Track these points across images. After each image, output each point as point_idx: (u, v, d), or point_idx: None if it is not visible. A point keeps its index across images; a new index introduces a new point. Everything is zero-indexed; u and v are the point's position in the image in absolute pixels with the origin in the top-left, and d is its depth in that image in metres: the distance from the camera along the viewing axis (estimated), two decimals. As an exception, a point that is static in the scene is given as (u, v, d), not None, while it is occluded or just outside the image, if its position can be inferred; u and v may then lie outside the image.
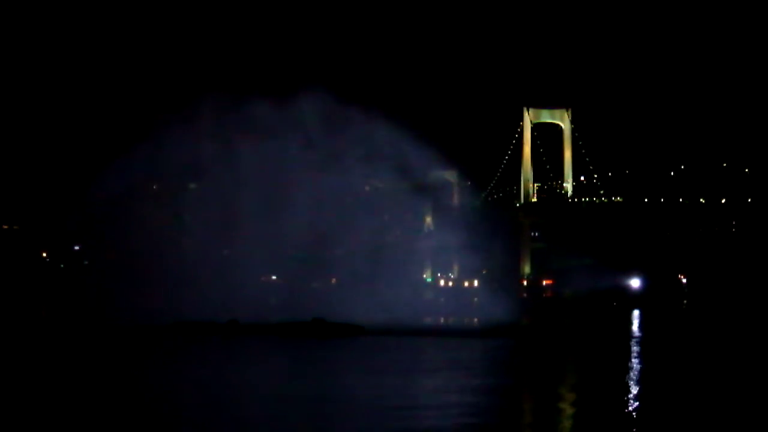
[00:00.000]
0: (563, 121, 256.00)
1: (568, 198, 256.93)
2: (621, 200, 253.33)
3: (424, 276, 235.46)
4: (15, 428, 48.98)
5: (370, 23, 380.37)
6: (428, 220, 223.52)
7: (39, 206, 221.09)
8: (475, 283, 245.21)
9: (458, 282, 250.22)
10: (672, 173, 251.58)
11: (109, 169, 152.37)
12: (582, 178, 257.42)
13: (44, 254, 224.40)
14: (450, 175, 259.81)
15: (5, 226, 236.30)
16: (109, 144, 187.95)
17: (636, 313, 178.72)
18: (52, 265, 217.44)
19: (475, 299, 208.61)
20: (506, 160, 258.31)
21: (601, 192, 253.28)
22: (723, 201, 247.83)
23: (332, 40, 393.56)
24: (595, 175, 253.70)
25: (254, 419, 53.35)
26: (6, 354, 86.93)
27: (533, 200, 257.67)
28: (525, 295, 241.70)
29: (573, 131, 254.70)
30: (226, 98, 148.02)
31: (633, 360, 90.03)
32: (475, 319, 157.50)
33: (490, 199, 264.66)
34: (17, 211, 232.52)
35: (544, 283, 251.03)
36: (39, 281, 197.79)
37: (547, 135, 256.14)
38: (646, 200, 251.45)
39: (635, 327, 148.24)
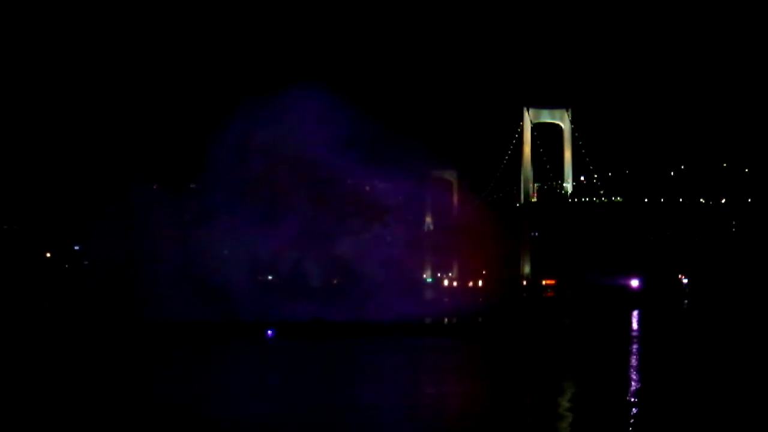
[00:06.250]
0: (563, 121, 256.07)
1: (568, 198, 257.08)
2: (621, 200, 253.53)
3: (425, 276, 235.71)
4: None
5: (370, 22, 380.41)
6: (428, 220, 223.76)
7: (39, 206, 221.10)
8: (480, 283, 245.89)
9: (460, 282, 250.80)
10: (672, 173, 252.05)
11: (109, 169, 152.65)
12: (582, 178, 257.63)
13: (48, 254, 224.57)
14: (450, 175, 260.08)
15: (5, 226, 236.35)
16: (109, 144, 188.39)
17: (636, 313, 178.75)
18: (56, 264, 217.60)
19: (479, 299, 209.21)
20: (506, 160, 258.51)
21: (601, 192, 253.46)
22: (723, 201, 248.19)
23: (331, 39, 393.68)
24: (595, 175, 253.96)
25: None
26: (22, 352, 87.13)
27: (533, 200, 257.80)
28: (525, 295, 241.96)
29: (573, 131, 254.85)
30: (225, 96, 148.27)
31: (632, 359, 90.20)
32: (479, 319, 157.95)
33: (490, 199, 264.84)
34: (17, 212, 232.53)
35: (544, 283, 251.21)
36: (44, 281, 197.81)
37: (547, 135, 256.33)
38: (646, 200, 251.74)
39: (635, 326, 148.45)
